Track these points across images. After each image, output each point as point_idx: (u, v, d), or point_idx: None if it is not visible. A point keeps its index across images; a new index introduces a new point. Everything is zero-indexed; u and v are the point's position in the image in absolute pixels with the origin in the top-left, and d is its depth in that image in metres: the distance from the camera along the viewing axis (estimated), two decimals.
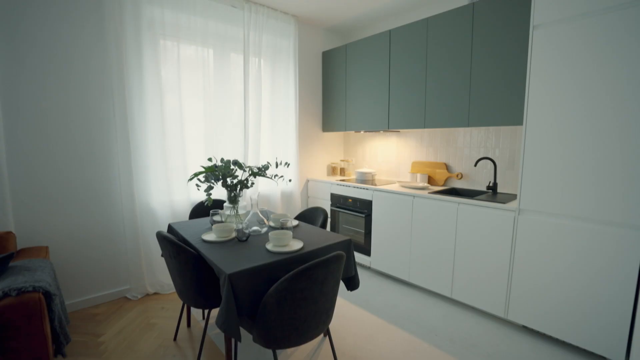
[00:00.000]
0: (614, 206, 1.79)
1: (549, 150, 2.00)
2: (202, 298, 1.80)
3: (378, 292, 2.85)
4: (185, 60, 2.83)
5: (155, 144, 2.68)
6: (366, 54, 3.36)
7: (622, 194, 1.76)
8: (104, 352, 2.03)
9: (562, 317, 2.01)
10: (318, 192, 3.78)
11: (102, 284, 2.64)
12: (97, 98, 2.50)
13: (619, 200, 1.77)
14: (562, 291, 2.00)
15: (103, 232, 2.60)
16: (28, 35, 2.21)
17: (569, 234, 1.95)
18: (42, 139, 2.32)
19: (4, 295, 1.51)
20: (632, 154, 1.72)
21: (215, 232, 1.93)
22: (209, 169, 2.10)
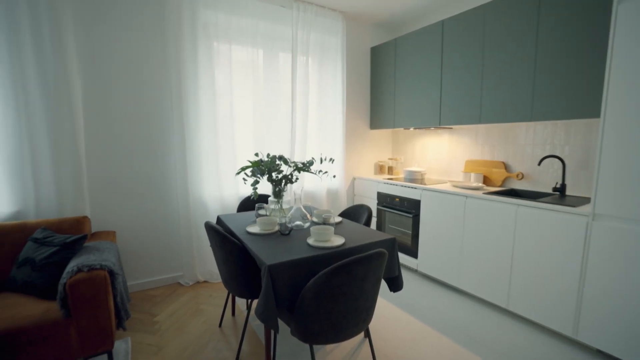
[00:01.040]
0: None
1: (634, 146, 1.72)
2: (245, 288, 1.85)
3: (424, 296, 2.70)
4: (237, 62, 2.96)
5: (208, 141, 2.84)
6: (417, 47, 3.21)
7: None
8: (157, 331, 2.20)
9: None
10: (364, 190, 3.71)
11: (159, 269, 2.86)
12: (158, 100, 2.71)
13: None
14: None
15: (161, 221, 2.83)
16: (104, 44, 2.48)
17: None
18: (113, 137, 2.59)
19: (78, 270, 1.70)
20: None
21: (259, 225, 1.97)
22: (255, 164, 2.16)
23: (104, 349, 1.75)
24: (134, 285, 2.76)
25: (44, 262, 1.86)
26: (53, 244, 1.93)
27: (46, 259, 1.87)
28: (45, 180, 2.31)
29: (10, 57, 2.13)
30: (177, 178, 2.82)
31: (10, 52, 2.13)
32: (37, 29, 2.18)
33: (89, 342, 1.71)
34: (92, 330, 1.71)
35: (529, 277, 2.21)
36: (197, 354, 1.97)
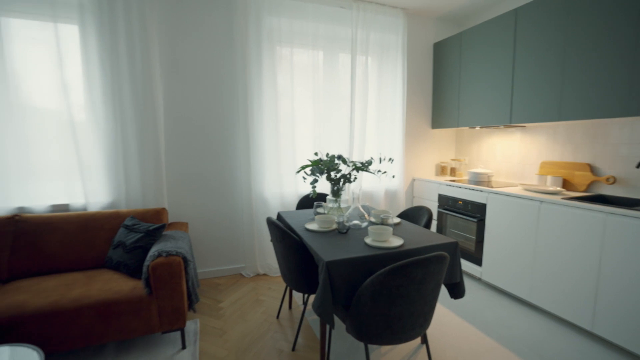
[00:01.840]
0: None
1: None
2: (302, 282, 1.91)
3: (488, 306, 2.51)
4: (298, 65, 3.07)
5: (270, 141, 2.99)
6: (485, 40, 2.99)
7: None
8: (222, 316, 2.38)
9: None
10: (424, 192, 3.57)
11: (224, 259, 3.09)
12: (226, 102, 2.94)
13: None
14: None
15: (227, 215, 3.05)
16: (181, 53, 2.76)
17: None
18: (187, 138, 2.87)
19: (158, 254, 1.92)
20: None
21: (318, 223, 2.02)
22: (314, 163, 2.22)
23: (177, 326, 1.95)
24: (202, 273, 3.02)
25: (133, 245, 2.14)
26: (139, 230, 2.21)
27: (134, 243, 2.14)
28: (132, 176, 2.65)
29: (111, 71, 2.49)
30: (242, 176, 3.02)
31: (111, 67, 2.48)
32: (131, 46, 2.51)
33: (166, 319, 1.92)
34: (169, 308, 1.91)
35: (619, 298, 1.93)
36: (257, 341, 2.09)
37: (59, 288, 1.88)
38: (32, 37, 2.39)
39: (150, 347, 2.01)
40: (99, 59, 2.47)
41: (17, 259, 2.13)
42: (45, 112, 2.47)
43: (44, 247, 2.18)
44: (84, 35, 2.43)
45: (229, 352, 1.99)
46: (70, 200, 2.58)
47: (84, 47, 2.44)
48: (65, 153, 2.53)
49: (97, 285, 1.92)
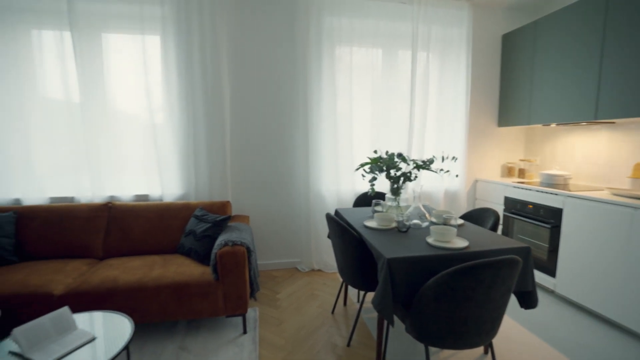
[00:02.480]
0: None
1: None
2: (360, 279, 1.91)
3: (563, 322, 2.27)
4: (356, 64, 3.07)
5: (328, 140, 3.04)
6: (566, 27, 2.70)
7: None
8: (279, 307, 2.48)
9: None
10: (488, 194, 3.35)
11: (281, 253, 3.21)
12: (287, 102, 3.05)
13: None
14: None
15: (285, 210, 3.17)
16: (246, 55, 2.94)
17: None
18: (250, 136, 3.03)
19: (225, 244, 2.07)
20: None
21: (377, 220, 2.01)
22: (374, 161, 2.21)
23: (240, 312, 2.08)
24: (260, 265, 3.18)
25: (202, 234, 2.32)
26: (207, 221, 2.39)
27: (203, 232, 2.33)
28: (201, 171, 2.88)
29: (186, 76, 2.73)
30: (300, 173, 3.12)
31: (186, 72, 2.73)
32: (203, 51, 2.73)
33: (230, 304, 2.05)
34: (233, 294, 2.05)
35: None
36: (312, 334, 2.14)
37: (142, 268, 2.12)
38: (124, 49, 2.72)
39: (215, 328, 2.16)
40: (176, 65, 2.72)
41: (110, 241, 2.45)
42: (132, 115, 2.80)
43: (130, 231, 2.47)
44: (165, 44, 2.70)
45: (286, 341, 2.07)
46: (150, 192, 2.89)
47: (164, 55, 2.71)
48: (147, 150, 2.83)
49: (172, 268, 2.13)
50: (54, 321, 1.37)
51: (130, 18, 2.66)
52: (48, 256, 2.35)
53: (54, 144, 2.70)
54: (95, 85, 2.65)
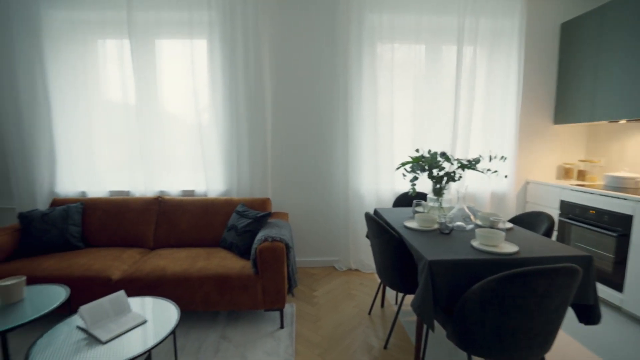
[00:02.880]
0: None
1: None
2: (398, 280, 1.86)
3: (629, 342, 2.03)
4: (398, 61, 2.99)
5: (368, 138, 3.00)
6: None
7: None
8: (316, 304, 2.49)
9: None
10: (541, 197, 3.09)
11: (319, 251, 3.23)
12: (327, 101, 3.06)
13: None
14: None
15: (323, 209, 3.18)
16: (287, 56, 2.99)
17: None
18: (290, 134, 3.08)
19: (264, 239, 2.12)
20: None
21: (418, 221, 1.94)
22: (415, 160, 2.14)
23: (278, 306, 2.12)
24: (299, 262, 3.22)
25: (243, 229, 2.40)
26: (248, 217, 2.47)
27: (244, 228, 2.40)
28: (243, 169, 2.98)
29: (230, 77, 2.85)
30: (339, 171, 3.11)
31: (230, 73, 2.84)
32: (246, 53, 2.83)
33: (269, 298, 2.10)
34: (271, 289, 2.09)
35: None
36: (348, 333, 2.12)
37: (187, 259, 2.25)
38: (175, 54, 2.90)
39: (253, 321, 2.23)
40: (220, 67, 2.85)
41: (159, 232, 2.62)
42: (180, 115, 2.98)
43: (177, 224, 2.63)
44: (211, 47, 2.83)
45: (322, 338, 2.07)
46: (195, 187, 3.05)
47: (210, 58, 2.84)
48: (193, 149, 2.99)
49: (215, 260, 2.23)
50: (112, 303, 1.50)
51: (180, 24, 2.83)
52: (107, 244, 2.58)
53: (113, 143, 2.96)
54: (148, 88, 2.85)
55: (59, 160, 2.91)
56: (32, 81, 2.79)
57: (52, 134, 2.87)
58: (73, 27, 2.81)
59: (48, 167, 2.90)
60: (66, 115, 2.87)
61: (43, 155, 2.87)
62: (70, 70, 2.83)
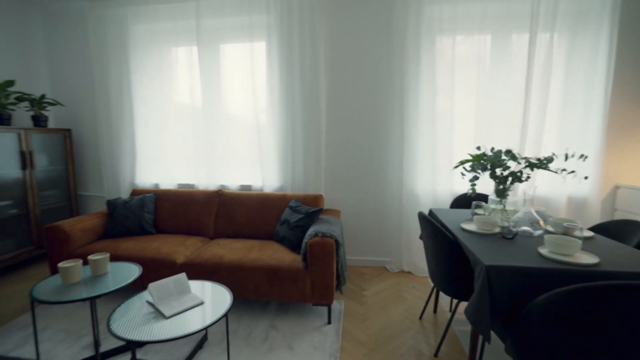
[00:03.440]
0: None
1: None
2: (452, 285, 1.75)
3: None
4: (459, 56, 2.80)
5: (425, 137, 2.86)
6: None
7: None
8: (365, 303, 2.45)
9: None
10: (634, 204, 2.65)
11: (370, 251, 3.18)
12: (383, 98, 2.99)
13: None
14: None
15: (376, 208, 3.12)
16: (343, 53, 2.98)
17: None
18: (344, 132, 3.08)
19: (315, 234, 2.15)
20: None
21: (477, 224, 1.81)
22: (476, 158, 1.99)
23: (326, 301, 2.13)
24: (348, 260, 3.20)
25: (295, 224, 2.46)
26: (301, 212, 2.52)
27: (296, 222, 2.46)
28: (297, 165, 3.05)
29: (286, 78, 2.94)
30: (394, 170, 3.02)
31: (287, 74, 2.93)
32: (303, 53, 2.89)
33: (317, 292, 2.13)
34: (320, 283, 2.11)
35: None
36: (397, 336, 2.05)
37: (242, 249, 2.38)
38: (236, 57, 3.09)
39: (302, 314, 2.27)
40: (278, 68, 2.95)
41: (219, 223, 2.82)
42: (240, 115, 3.16)
43: (235, 216, 2.80)
44: (269, 49, 2.95)
45: (369, 338, 2.03)
46: (252, 183, 3.21)
47: (268, 59, 2.97)
48: (251, 146, 3.16)
49: (267, 252, 2.32)
50: (176, 283, 1.65)
51: (241, 28, 2.99)
52: (174, 231, 2.85)
53: (182, 141, 3.26)
54: (213, 90, 3.09)
55: (138, 156, 3.30)
56: (119, 87, 3.20)
57: (133, 133, 3.27)
58: (152, 38, 3.16)
59: (130, 161, 3.31)
60: (144, 116, 3.24)
61: (126, 151, 3.28)
62: (149, 76, 3.19)
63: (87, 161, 3.58)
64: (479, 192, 2.51)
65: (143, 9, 3.10)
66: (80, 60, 3.43)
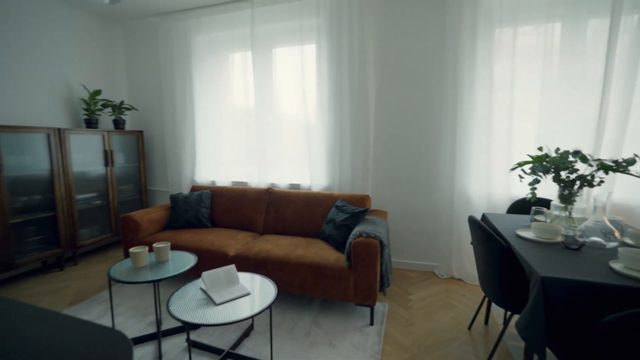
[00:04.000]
0: None
1: None
2: (504, 295, 1.62)
3: None
4: (522, 48, 2.57)
5: (480, 136, 2.69)
6: None
7: None
8: (410, 308, 2.38)
9: None
10: None
11: (418, 254, 3.07)
12: (434, 96, 2.87)
13: None
14: None
15: (425, 210, 3.01)
16: (392, 51, 2.92)
17: None
18: (393, 131, 3.02)
19: (359, 234, 2.15)
20: None
21: (535, 231, 1.66)
22: (537, 159, 1.82)
23: (368, 302, 2.12)
24: (395, 262, 3.13)
25: (340, 223, 2.48)
26: (346, 212, 2.54)
27: (341, 222, 2.48)
28: (345, 165, 3.07)
29: (335, 79, 2.96)
30: (445, 171, 2.88)
31: (336, 75, 2.95)
32: (351, 54, 2.89)
33: (360, 292, 2.12)
34: (363, 283, 2.11)
35: None
36: (442, 345, 1.96)
37: (289, 246, 2.46)
38: (287, 60, 3.20)
39: (344, 313, 2.29)
40: (327, 69, 2.99)
41: (268, 220, 2.95)
42: (291, 116, 3.26)
43: (283, 214, 2.90)
44: (319, 50, 3.01)
45: (412, 343, 1.98)
46: (301, 181, 3.30)
47: (318, 61, 3.02)
48: (300, 146, 3.24)
49: (312, 250, 2.37)
50: (226, 274, 1.77)
51: (292, 32, 3.09)
52: (227, 225, 3.05)
53: (236, 141, 3.47)
54: (265, 92, 3.23)
55: (198, 155, 3.59)
56: (183, 92, 3.52)
57: (194, 134, 3.56)
58: (211, 46, 3.42)
59: (190, 160, 3.61)
60: (203, 119, 3.52)
61: (187, 150, 3.59)
62: (208, 81, 3.46)
63: (155, 159, 3.99)
64: (540, 196, 2.28)
65: (204, 20, 3.36)
66: (151, 70, 3.83)
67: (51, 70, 3.21)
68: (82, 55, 3.51)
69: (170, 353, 1.88)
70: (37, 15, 3.08)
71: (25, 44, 3.00)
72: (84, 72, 3.54)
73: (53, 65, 3.22)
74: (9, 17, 2.87)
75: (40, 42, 3.11)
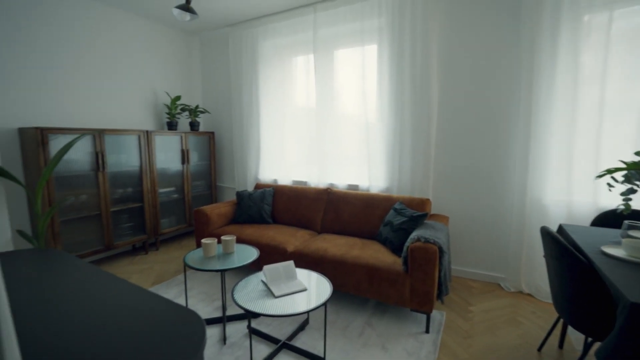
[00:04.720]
0: None
1: None
2: (581, 318, 1.45)
3: None
4: (618, 34, 2.24)
5: (559, 138, 2.42)
6: None
7: None
8: (470, 320, 2.25)
9: None
10: None
11: (482, 264, 2.88)
12: (504, 94, 2.65)
13: None
14: None
15: (492, 218, 2.80)
16: (459, 45, 2.76)
17: None
18: (457, 132, 2.86)
19: (417, 239, 2.10)
20: None
21: (627, 249, 1.45)
22: (632, 166, 1.59)
23: (425, 309, 2.06)
24: (456, 270, 2.97)
25: (398, 227, 2.45)
26: (405, 215, 2.49)
27: (399, 225, 2.44)
28: (404, 167, 3.00)
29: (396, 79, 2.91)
30: (515, 176, 2.65)
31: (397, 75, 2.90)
32: (414, 54, 2.81)
33: (416, 298, 2.07)
34: (419, 290, 2.05)
35: None
36: None
37: (345, 246, 2.50)
38: (348, 61, 3.23)
39: (399, 318, 2.25)
40: (388, 69, 2.95)
41: (326, 219, 3.02)
42: (351, 117, 3.29)
43: (341, 214, 2.95)
44: (380, 51, 2.98)
45: (470, 357, 1.87)
46: (359, 182, 3.31)
47: (379, 61, 3.00)
48: (360, 147, 3.25)
49: (368, 252, 2.38)
50: (285, 269, 1.88)
51: (353, 34, 3.11)
52: (287, 222, 3.19)
53: (297, 141, 3.61)
54: (326, 94, 3.31)
55: (262, 154, 3.81)
56: (250, 95, 3.77)
57: (259, 135, 3.79)
58: (276, 51, 3.60)
59: (255, 159, 3.86)
60: (268, 120, 3.73)
61: (252, 150, 3.84)
62: (272, 84, 3.65)
63: (223, 158, 4.34)
64: (635, 208, 1.98)
65: (270, 27, 3.56)
66: (222, 76, 4.17)
67: (143, 80, 3.70)
68: (167, 65, 3.97)
69: (233, 337, 2.05)
70: (136, 36, 3.58)
71: (127, 61, 3.52)
72: (167, 80, 4.00)
73: (145, 77, 3.72)
74: (120, 39, 3.38)
75: (136, 60, 3.62)
